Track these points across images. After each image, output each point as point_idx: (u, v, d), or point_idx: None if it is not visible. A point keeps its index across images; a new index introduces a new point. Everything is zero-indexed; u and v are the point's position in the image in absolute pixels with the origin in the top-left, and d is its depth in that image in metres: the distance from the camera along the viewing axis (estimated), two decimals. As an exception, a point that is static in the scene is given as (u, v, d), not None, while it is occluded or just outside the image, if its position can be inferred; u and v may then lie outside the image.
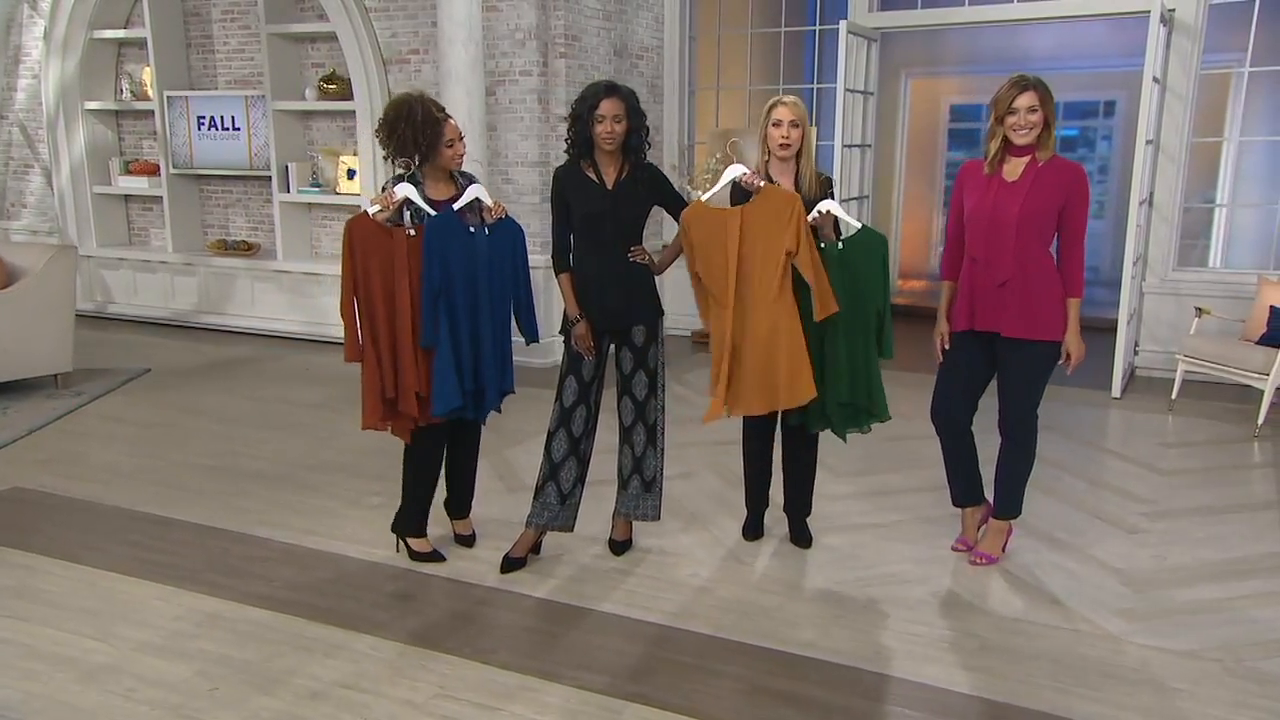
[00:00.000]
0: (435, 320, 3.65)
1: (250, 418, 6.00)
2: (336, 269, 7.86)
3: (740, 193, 3.71)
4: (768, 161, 3.85)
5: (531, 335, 3.98)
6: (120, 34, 8.94)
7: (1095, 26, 8.40)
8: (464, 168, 3.94)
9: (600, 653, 3.30)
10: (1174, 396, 6.23)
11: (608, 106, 3.68)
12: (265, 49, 8.05)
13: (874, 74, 7.44)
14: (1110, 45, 8.75)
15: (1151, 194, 6.80)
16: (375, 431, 3.79)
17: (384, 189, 3.77)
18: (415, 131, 3.68)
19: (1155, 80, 6.34)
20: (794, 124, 3.75)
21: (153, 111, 8.85)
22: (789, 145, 3.77)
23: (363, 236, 3.64)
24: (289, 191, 8.27)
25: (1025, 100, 3.62)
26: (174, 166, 8.81)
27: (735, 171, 3.66)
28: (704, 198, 3.79)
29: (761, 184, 3.64)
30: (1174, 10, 6.58)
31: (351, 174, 8.09)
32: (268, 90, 8.15)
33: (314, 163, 8.38)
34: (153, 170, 9.11)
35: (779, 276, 3.61)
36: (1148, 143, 6.38)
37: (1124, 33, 8.47)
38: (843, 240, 3.69)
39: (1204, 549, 4.11)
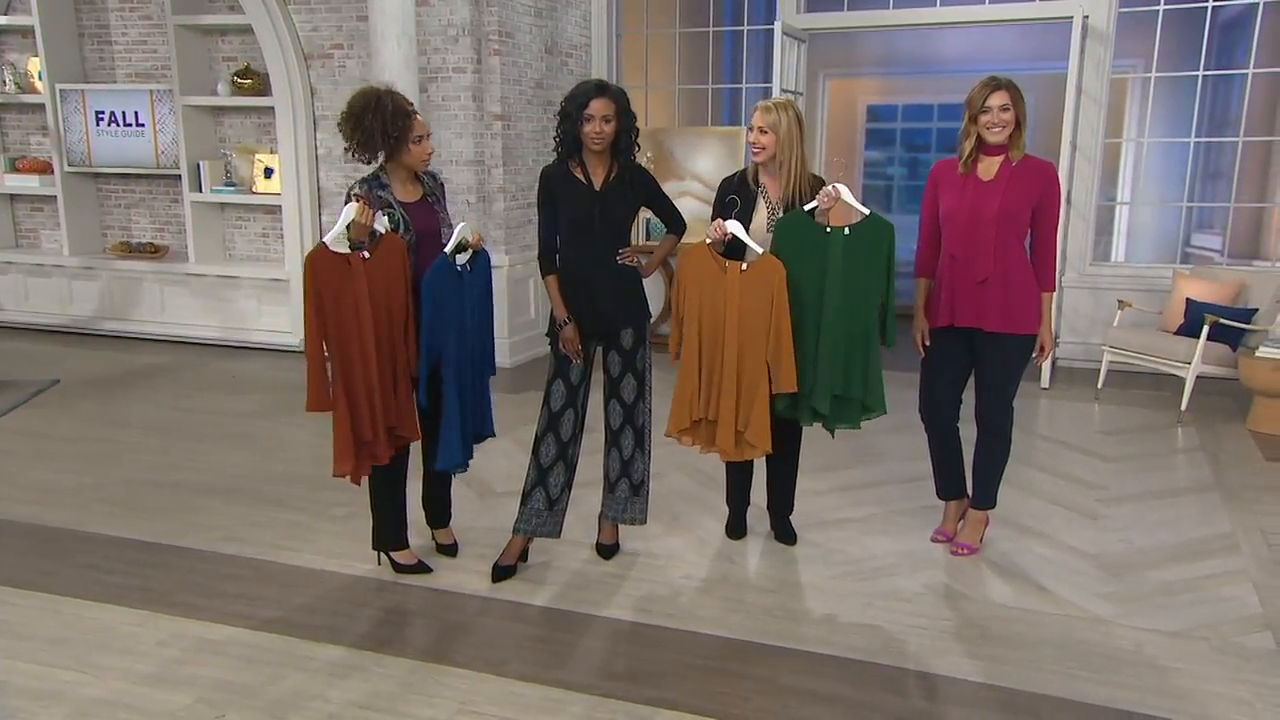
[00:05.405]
0: (431, 381, 3.58)
1: (184, 429, 5.70)
2: (254, 271, 7.73)
3: (731, 249, 3.73)
4: (756, 167, 3.85)
5: (491, 369, 3.89)
6: (0, 20, 8.36)
7: (1006, 31, 8.73)
8: None
9: (616, 659, 3.25)
10: (1100, 386, 6.53)
11: (597, 106, 3.60)
12: (172, 41, 7.67)
13: (803, 74, 7.55)
14: (1020, 49, 9.11)
15: (1069, 192, 7.09)
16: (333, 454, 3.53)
17: (352, 195, 3.51)
18: (385, 123, 3.50)
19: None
20: (763, 130, 3.73)
21: (42, 105, 8.33)
22: (758, 150, 3.76)
23: (327, 273, 3.38)
24: (201, 191, 7.89)
25: (998, 99, 3.74)
26: (69, 164, 8.30)
27: (734, 227, 3.68)
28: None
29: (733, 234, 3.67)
30: (1088, 16, 6.88)
31: (269, 173, 7.77)
32: (175, 84, 7.76)
33: (228, 161, 8.02)
34: (43, 168, 8.56)
35: (763, 342, 3.68)
36: (1071, 144, 6.66)
37: (1032, 38, 8.84)
38: (849, 227, 3.70)
39: (1162, 532, 4.31)
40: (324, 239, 3.44)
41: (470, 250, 3.64)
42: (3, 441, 5.49)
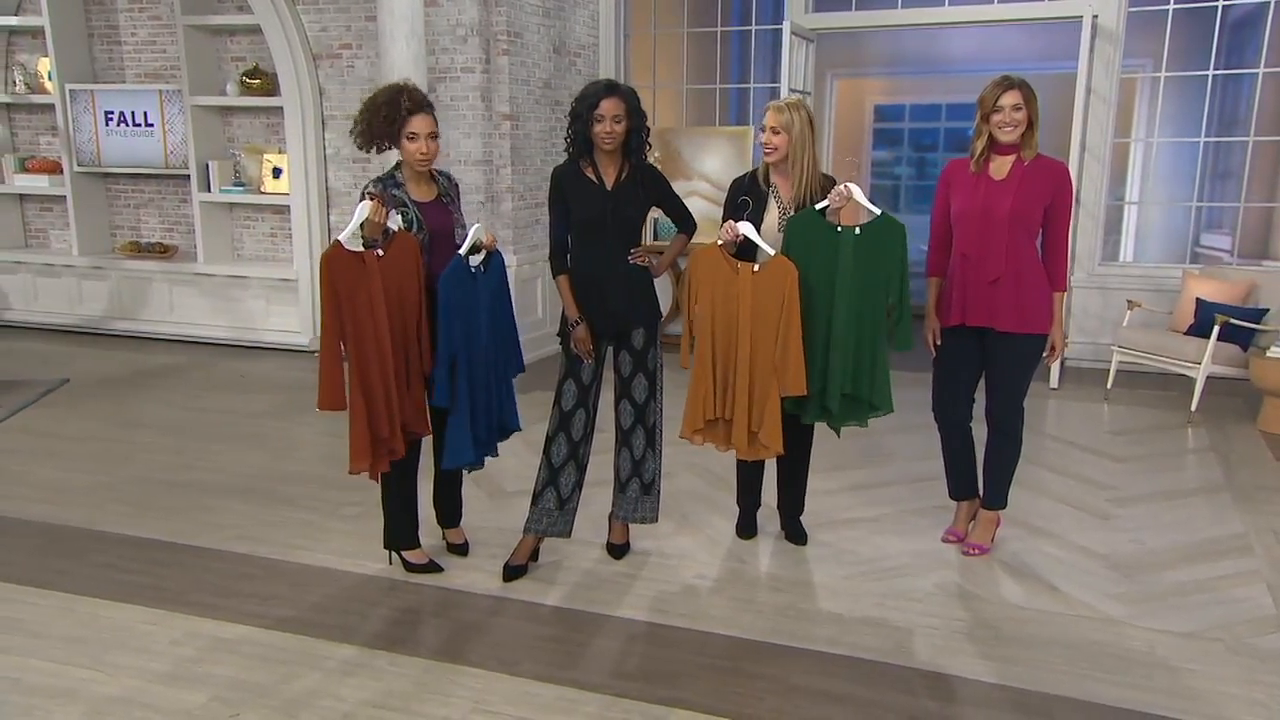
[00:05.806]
0: (450, 381, 3.55)
1: (195, 429, 5.71)
2: (262, 271, 7.74)
3: (743, 250, 3.73)
4: (767, 167, 3.85)
5: (518, 367, 3.90)
6: (11, 21, 8.38)
7: (1012, 31, 8.72)
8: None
9: (629, 659, 3.26)
10: (1109, 386, 6.52)
11: (608, 106, 3.60)
12: (181, 41, 7.68)
13: (810, 74, 7.55)
14: (1028, 49, 9.10)
15: (1078, 192, 7.08)
16: (347, 453, 3.55)
17: (366, 194, 3.54)
18: (372, 115, 3.55)
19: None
20: (775, 130, 3.73)
21: (52, 105, 8.35)
22: (770, 150, 3.76)
23: (342, 271, 3.39)
24: (209, 191, 7.91)
25: (1010, 99, 3.73)
26: (79, 164, 8.32)
27: (746, 228, 3.68)
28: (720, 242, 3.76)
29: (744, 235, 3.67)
30: (1097, 16, 6.87)
31: (277, 173, 7.79)
32: (184, 85, 7.78)
33: (236, 161, 8.04)
34: (53, 168, 8.59)
35: (774, 343, 3.68)
36: (1080, 144, 6.65)
37: (1040, 38, 8.82)
38: (860, 227, 3.70)
39: (1174, 532, 4.30)
40: (339, 237, 3.45)
41: (484, 251, 3.65)
42: (14, 441, 5.51)
